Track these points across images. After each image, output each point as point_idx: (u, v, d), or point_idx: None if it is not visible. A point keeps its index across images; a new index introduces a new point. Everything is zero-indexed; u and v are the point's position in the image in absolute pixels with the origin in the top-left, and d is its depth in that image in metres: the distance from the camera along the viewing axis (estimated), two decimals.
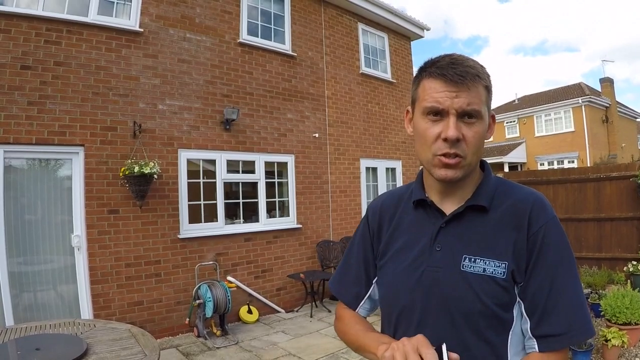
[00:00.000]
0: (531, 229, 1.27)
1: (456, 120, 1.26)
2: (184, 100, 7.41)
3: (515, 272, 1.26)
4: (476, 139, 1.28)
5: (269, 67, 8.75)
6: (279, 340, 6.79)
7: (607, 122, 29.16)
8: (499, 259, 1.27)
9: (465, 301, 1.27)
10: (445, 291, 1.31)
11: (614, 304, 5.75)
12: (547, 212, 1.30)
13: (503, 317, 1.27)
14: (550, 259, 1.25)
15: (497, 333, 1.28)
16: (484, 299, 1.25)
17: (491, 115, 1.38)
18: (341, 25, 10.39)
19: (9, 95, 5.78)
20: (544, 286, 1.24)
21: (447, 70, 1.26)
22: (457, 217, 1.37)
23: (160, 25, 7.22)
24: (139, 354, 3.51)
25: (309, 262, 9.05)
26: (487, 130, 1.35)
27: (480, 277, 1.27)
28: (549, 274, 1.25)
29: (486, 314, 1.26)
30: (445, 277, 1.32)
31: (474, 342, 1.27)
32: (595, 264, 8.78)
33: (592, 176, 9.78)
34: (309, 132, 9.34)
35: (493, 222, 1.32)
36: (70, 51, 6.31)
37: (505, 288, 1.26)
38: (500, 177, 1.45)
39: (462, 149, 1.27)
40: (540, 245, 1.26)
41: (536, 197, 1.34)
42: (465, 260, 1.30)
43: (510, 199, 1.35)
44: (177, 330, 7.06)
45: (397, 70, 11.78)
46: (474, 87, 1.27)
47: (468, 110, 1.26)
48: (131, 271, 6.66)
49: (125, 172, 6.31)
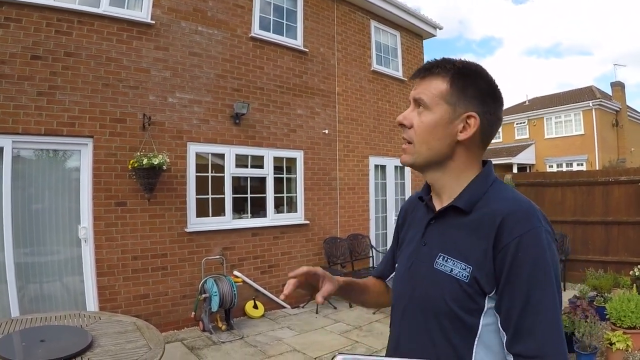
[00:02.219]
0: (501, 241, 1.22)
1: (411, 110, 1.43)
2: (194, 94, 7.39)
3: (479, 280, 1.24)
4: (421, 128, 1.38)
5: (280, 63, 8.72)
6: (284, 336, 6.78)
7: (617, 126, 29.00)
8: (465, 263, 1.27)
9: (433, 299, 1.33)
10: (421, 286, 1.39)
11: (619, 307, 5.74)
12: (524, 225, 1.22)
13: (467, 322, 1.26)
14: (526, 275, 1.18)
15: (461, 337, 1.28)
16: (448, 300, 1.28)
17: (469, 115, 1.36)
18: (353, 22, 10.34)
19: (18, 85, 5.77)
20: (518, 303, 1.18)
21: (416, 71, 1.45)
22: (441, 215, 1.42)
23: (172, 18, 7.19)
24: (144, 347, 3.50)
25: (316, 258, 9.03)
26: (462, 130, 1.36)
27: (448, 277, 1.30)
28: (523, 290, 1.18)
29: (451, 315, 1.28)
30: (423, 272, 1.39)
31: (440, 341, 1.31)
32: (601, 267, 8.76)
33: (600, 179, 9.78)
34: (318, 128, 9.30)
35: (469, 225, 1.32)
36: (81, 42, 6.29)
37: (468, 293, 1.25)
38: (501, 182, 1.42)
39: (408, 135, 1.41)
40: (513, 259, 1.19)
41: (515, 208, 1.27)
42: (439, 258, 1.35)
43: (490, 206, 1.31)
44: (183, 324, 7.06)
45: (408, 69, 11.71)
46: (426, 80, 1.40)
47: (416, 100, 1.41)
48: (138, 264, 6.65)
49: (134, 164, 6.30)
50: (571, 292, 8.04)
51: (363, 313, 7.95)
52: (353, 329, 7.10)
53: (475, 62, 1.40)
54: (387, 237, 10.84)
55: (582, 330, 5.28)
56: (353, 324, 7.30)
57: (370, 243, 10.11)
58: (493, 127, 1.41)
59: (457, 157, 1.40)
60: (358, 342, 6.50)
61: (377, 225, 10.74)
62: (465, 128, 1.36)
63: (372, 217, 10.50)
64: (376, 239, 10.65)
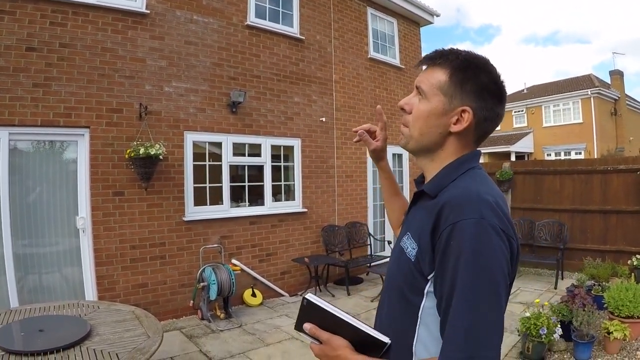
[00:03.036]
0: (438, 228, 1.22)
1: (415, 94, 1.46)
2: (190, 83, 7.38)
3: (420, 260, 1.27)
4: (416, 113, 1.43)
5: (277, 50, 8.69)
6: (282, 324, 6.81)
7: (616, 115, 28.97)
8: (416, 242, 1.32)
9: (394, 274, 1.43)
10: (391, 262, 1.51)
11: (617, 296, 5.75)
12: (459, 213, 1.19)
13: (411, 301, 1.30)
14: (451, 266, 1.15)
15: (408, 316, 1.31)
16: (399, 275, 1.37)
17: (462, 109, 1.36)
18: (350, 10, 10.30)
19: (14, 77, 5.75)
20: (445, 291, 1.16)
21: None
22: (416, 198, 1.50)
23: (166, 7, 7.16)
24: (142, 336, 3.53)
25: (314, 246, 9.05)
26: (455, 122, 1.38)
27: (404, 254, 1.36)
28: (448, 281, 1.15)
29: (399, 292, 1.36)
30: (395, 252, 1.48)
31: (395, 318, 1.38)
32: (599, 256, 8.75)
33: (599, 168, 9.76)
34: (316, 116, 9.30)
35: (427, 209, 1.33)
36: (76, 33, 6.27)
37: (412, 272, 1.30)
38: (475, 172, 1.38)
39: (405, 120, 1.47)
40: (445, 247, 1.18)
41: (457, 195, 1.26)
42: (405, 236, 1.40)
43: (446, 193, 1.30)
44: (181, 312, 7.09)
45: (405, 56, 11.69)
46: (428, 70, 1.44)
47: (417, 86, 1.44)
48: (136, 253, 6.67)
49: (131, 154, 6.30)
50: (569, 281, 8.08)
51: (361, 301, 7.99)
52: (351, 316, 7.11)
53: (483, 56, 1.40)
54: (385, 224, 10.86)
55: (580, 319, 5.30)
56: (351, 312, 7.23)
57: (368, 231, 10.14)
58: (490, 123, 1.41)
59: (447, 147, 1.42)
60: None
61: (375, 213, 10.76)
62: (459, 121, 1.38)
63: (370, 205, 10.52)
64: (374, 227, 10.68)
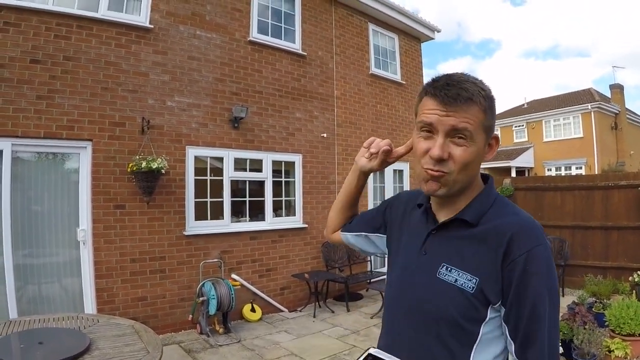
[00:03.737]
0: (510, 255, 1.28)
1: (444, 139, 1.32)
2: (193, 98, 7.41)
3: (486, 291, 1.29)
4: (464, 158, 1.32)
5: (279, 66, 8.74)
6: (282, 340, 6.79)
7: (616, 129, 28.96)
8: (471, 274, 1.32)
9: (435, 307, 1.36)
10: (420, 294, 1.42)
11: (618, 314, 5.70)
12: (531, 240, 1.29)
13: (467, 330, 1.32)
14: (534, 288, 1.25)
15: (461, 344, 1.33)
16: (451, 309, 1.32)
17: (493, 136, 1.42)
18: (352, 26, 10.37)
19: (18, 88, 5.79)
20: (526, 314, 1.26)
21: (441, 91, 1.31)
22: (445, 227, 1.44)
23: (170, 22, 7.22)
24: (142, 351, 3.51)
25: (314, 262, 9.04)
26: (488, 151, 1.42)
27: (452, 287, 1.33)
28: (530, 302, 1.25)
29: (452, 323, 1.32)
30: (424, 280, 1.41)
31: (436, 347, 1.35)
32: (600, 273, 8.70)
33: (600, 184, 9.76)
34: (317, 131, 9.33)
35: (475, 238, 1.36)
36: (80, 46, 6.32)
37: (472, 303, 1.30)
38: (503, 198, 1.48)
39: (447, 167, 1.33)
40: (522, 273, 1.26)
41: (523, 224, 1.34)
42: (442, 268, 1.37)
43: (497, 220, 1.36)
44: (180, 326, 7.07)
45: (407, 72, 11.76)
46: (466, 108, 1.30)
47: (457, 130, 1.31)
48: (136, 266, 6.67)
49: (133, 167, 6.32)
50: (570, 298, 8.03)
51: (361, 317, 7.96)
52: (351, 333, 7.11)
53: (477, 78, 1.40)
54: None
55: (581, 337, 5.26)
56: (351, 329, 7.31)
57: None
58: None
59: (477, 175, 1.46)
60: (355, 346, 6.51)
61: None
62: (491, 148, 1.43)
63: None
64: None
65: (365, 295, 9.56)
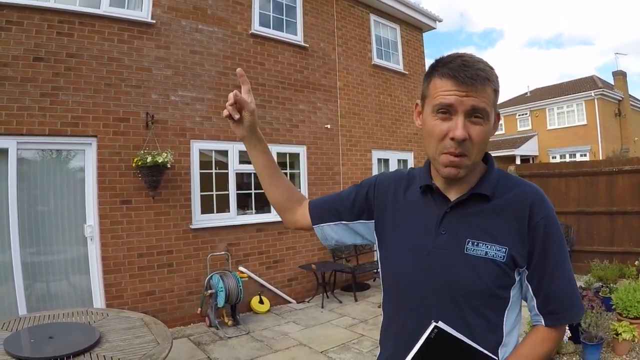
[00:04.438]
0: (532, 220, 1.40)
1: (464, 119, 1.34)
2: (196, 91, 7.43)
3: (515, 257, 1.38)
4: (481, 138, 1.37)
5: (281, 58, 8.74)
6: (290, 331, 6.82)
7: (620, 116, 28.86)
8: (499, 244, 1.38)
9: (468, 282, 1.39)
10: (449, 272, 1.42)
11: (625, 297, 5.72)
12: (546, 206, 1.43)
13: (501, 296, 1.41)
14: (552, 248, 1.40)
15: (495, 311, 1.42)
16: (486, 280, 1.37)
17: (496, 114, 1.46)
18: (353, 17, 10.36)
19: (22, 87, 5.82)
20: (549, 272, 1.41)
21: (459, 72, 1.33)
22: (461, 204, 1.47)
23: (172, 17, 7.23)
24: (152, 342, 3.54)
25: (321, 252, 9.07)
26: (492, 128, 1.44)
27: (483, 259, 1.38)
28: (552, 261, 1.41)
29: (486, 293, 1.38)
30: (450, 258, 1.42)
31: (473, 318, 1.39)
32: (606, 258, 8.72)
33: (604, 169, 9.74)
34: (321, 123, 9.33)
35: (495, 210, 1.44)
36: (83, 43, 6.33)
37: (504, 270, 1.38)
38: (502, 170, 1.56)
39: (467, 148, 1.36)
40: (544, 235, 1.39)
41: (536, 191, 1.46)
42: (468, 244, 1.41)
43: (513, 191, 1.46)
44: (189, 320, 7.11)
45: (409, 62, 11.73)
46: (483, 89, 1.34)
47: (476, 110, 1.34)
48: (143, 261, 6.71)
49: (138, 162, 6.35)
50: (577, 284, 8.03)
51: (368, 307, 7.99)
52: (359, 322, 7.14)
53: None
54: None
55: (588, 321, 5.27)
56: (359, 318, 7.34)
57: None
58: None
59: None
60: (364, 335, 6.54)
61: None
62: (494, 125, 1.45)
63: None
64: None
65: (373, 285, 9.59)
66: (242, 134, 1.81)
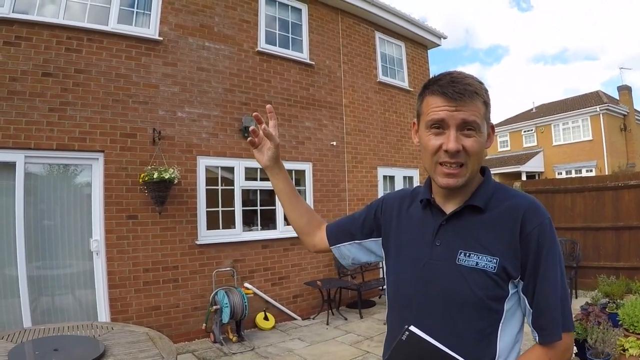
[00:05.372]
0: (525, 230, 1.40)
1: (456, 132, 1.40)
2: (202, 108, 7.48)
3: (507, 268, 1.38)
4: (475, 149, 1.42)
5: (287, 76, 8.81)
6: (295, 347, 6.79)
7: (626, 131, 28.81)
8: (491, 255, 1.40)
9: (460, 292, 1.41)
10: (442, 283, 1.45)
11: (631, 313, 5.67)
12: (540, 214, 1.43)
13: (493, 308, 1.40)
14: (544, 260, 1.38)
15: (488, 323, 1.40)
16: (477, 291, 1.38)
17: (490, 126, 1.52)
18: (358, 34, 10.43)
19: (30, 101, 5.88)
20: (539, 284, 1.39)
21: (448, 88, 1.40)
22: (456, 216, 1.51)
23: (179, 34, 7.31)
24: (157, 357, 3.53)
25: (326, 269, 9.05)
26: (487, 140, 1.50)
27: (474, 270, 1.40)
28: (542, 273, 1.38)
29: (478, 305, 1.39)
30: (443, 269, 1.46)
31: (465, 330, 1.40)
32: (613, 273, 8.63)
33: (610, 184, 9.71)
34: (326, 140, 9.37)
35: (488, 222, 1.46)
36: (91, 59, 6.41)
37: (496, 281, 1.38)
38: (500, 183, 1.60)
39: (462, 158, 1.42)
40: (537, 245, 1.39)
41: (530, 201, 1.47)
42: (460, 254, 1.44)
43: (506, 202, 1.48)
44: (194, 335, 7.09)
45: (414, 79, 11.78)
46: (472, 103, 1.40)
47: (467, 123, 1.40)
48: (149, 276, 6.71)
49: (145, 178, 6.38)
50: (583, 300, 7.99)
51: (374, 324, 7.95)
52: (364, 339, 7.10)
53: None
54: None
55: (595, 336, 5.23)
56: (364, 335, 7.31)
57: None
58: None
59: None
60: (369, 352, 6.50)
61: None
62: (489, 137, 1.51)
63: None
64: None
65: (378, 302, 9.55)
66: (266, 163, 2.00)
